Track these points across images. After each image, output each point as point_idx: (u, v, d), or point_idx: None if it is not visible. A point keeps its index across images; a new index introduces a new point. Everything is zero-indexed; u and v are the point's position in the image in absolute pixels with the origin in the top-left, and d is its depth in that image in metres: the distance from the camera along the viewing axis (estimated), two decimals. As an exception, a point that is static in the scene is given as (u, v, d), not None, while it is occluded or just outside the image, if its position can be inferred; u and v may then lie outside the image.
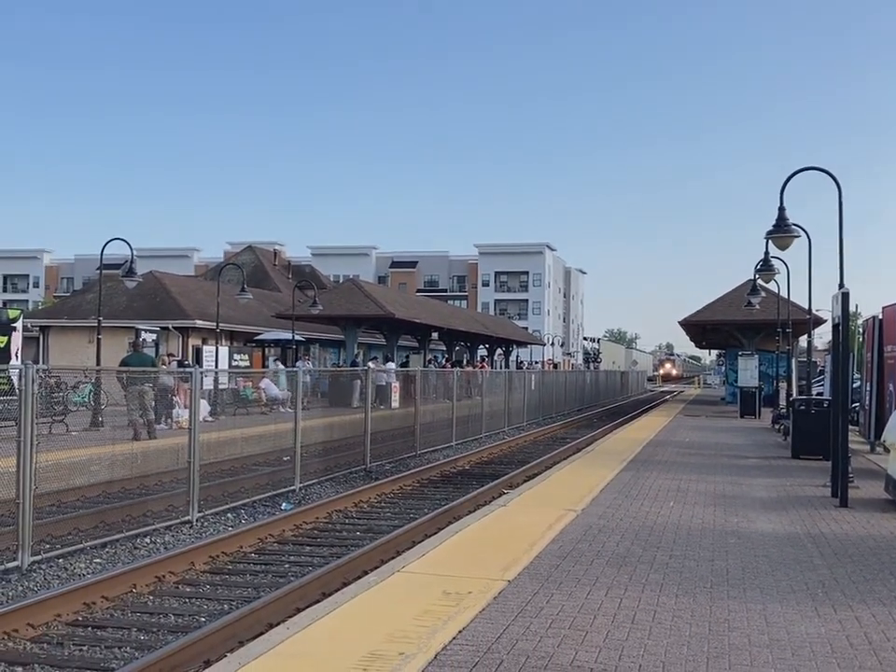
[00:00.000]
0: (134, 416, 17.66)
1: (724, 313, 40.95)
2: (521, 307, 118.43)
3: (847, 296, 12.01)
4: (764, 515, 10.50)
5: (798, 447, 17.37)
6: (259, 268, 62.55)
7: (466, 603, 6.26)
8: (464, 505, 13.63)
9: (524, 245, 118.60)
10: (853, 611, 6.32)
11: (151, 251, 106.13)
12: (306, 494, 15.53)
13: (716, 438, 22.57)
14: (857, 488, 12.49)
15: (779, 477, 14.35)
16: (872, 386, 19.20)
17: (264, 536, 11.50)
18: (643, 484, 12.99)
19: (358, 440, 19.27)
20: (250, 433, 19.07)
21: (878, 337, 18.84)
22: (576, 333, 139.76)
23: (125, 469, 14.39)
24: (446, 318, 51.10)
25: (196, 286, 47.60)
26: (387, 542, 10.75)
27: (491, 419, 28.99)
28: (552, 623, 5.85)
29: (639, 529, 9.37)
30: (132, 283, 25.89)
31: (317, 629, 5.69)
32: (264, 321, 43.48)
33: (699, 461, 16.62)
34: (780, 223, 13.15)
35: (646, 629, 5.76)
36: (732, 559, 8.00)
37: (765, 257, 22.00)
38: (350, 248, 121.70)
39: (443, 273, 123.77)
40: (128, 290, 33.29)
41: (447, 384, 27.19)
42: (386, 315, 39.02)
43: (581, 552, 8.16)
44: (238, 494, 14.64)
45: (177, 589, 9.22)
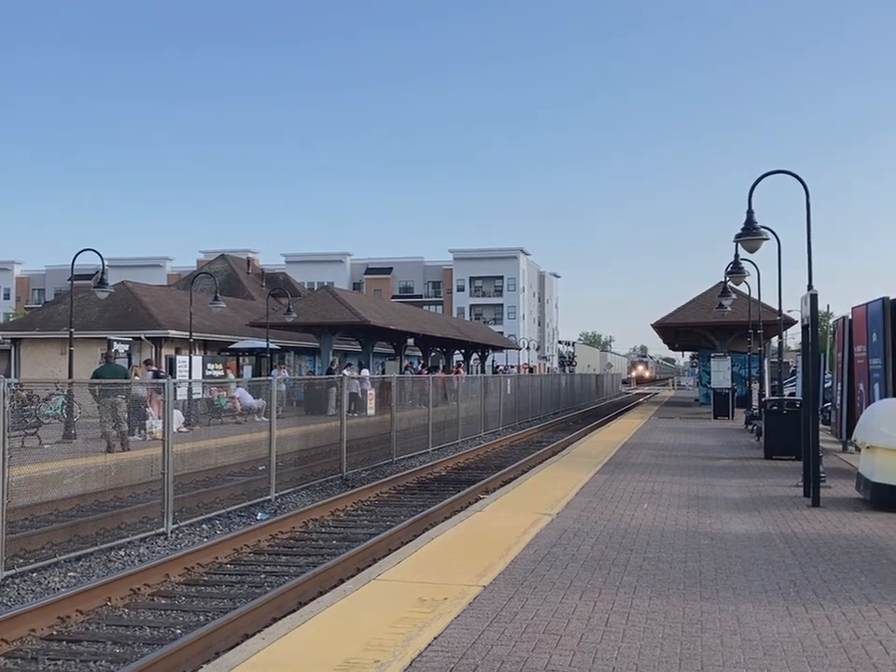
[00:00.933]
0: (107, 428, 17.55)
1: (696, 315, 41.19)
2: (496, 312, 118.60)
3: (816, 297, 12.14)
4: (737, 516, 10.59)
5: (771, 448, 17.52)
6: (233, 276, 62.28)
7: (441, 609, 6.29)
8: (440, 511, 13.66)
9: (498, 250, 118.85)
10: (824, 610, 6.39)
11: (123, 261, 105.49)
12: (282, 503, 15.50)
13: (690, 439, 22.72)
14: (829, 487, 12.62)
15: (752, 478, 14.47)
16: (843, 386, 19.40)
17: (240, 546, 11.47)
18: (618, 487, 13.07)
19: (335, 448, 19.25)
20: (225, 443, 18.98)
21: (848, 337, 19.04)
22: (551, 337, 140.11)
23: (99, 481, 14.30)
24: (421, 324, 51.14)
25: (169, 295, 47.35)
26: (364, 550, 10.76)
27: (467, 424, 29.02)
28: (526, 628, 5.89)
29: (614, 532, 9.44)
30: (103, 293, 25.72)
31: (293, 639, 5.70)
32: (238, 330, 43.32)
33: (673, 463, 16.73)
34: (749, 226, 13.28)
35: (620, 632, 5.81)
36: (705, 560, 8.07)
37: (735, 259, 22.22)
38: (324, 255, 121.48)
39: (418, 279, 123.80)
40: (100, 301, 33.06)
41: (423, 390, 27.20)
42: (361, 322, 39.01)
43: (556, 556, 8.20)
44: (213, 504, 14.58)
45: (153, 601, 9.19)
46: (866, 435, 11.45)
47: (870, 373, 16.57)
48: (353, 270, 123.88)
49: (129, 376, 21.92)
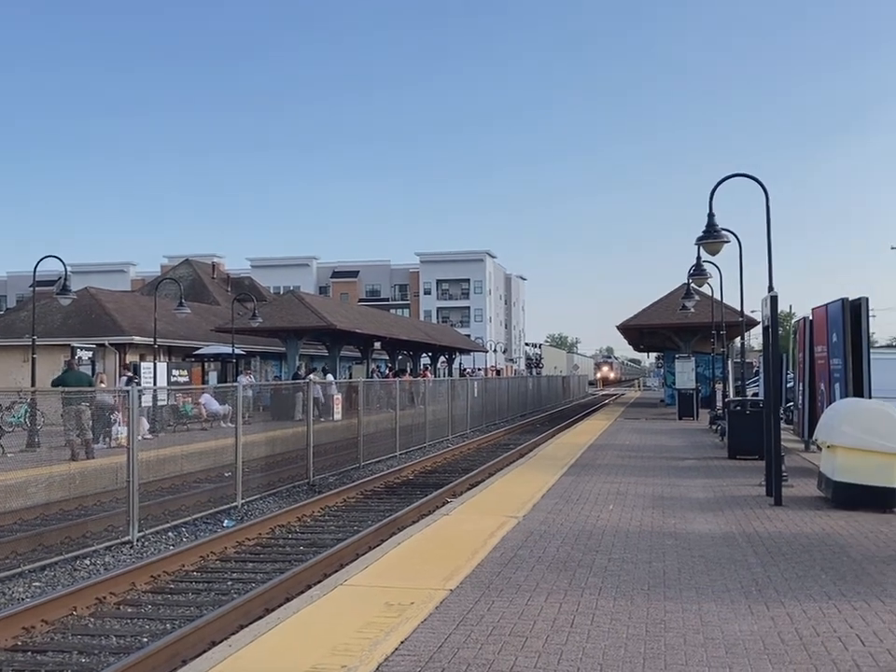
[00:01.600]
0: (72, 436, 17.40)
1: (661, 316, 41.50)
2: (463, 314, 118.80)
3: (776, 299, 12.30)
4: (701, 516, 10.71)
5: (734, 447, 17.70)
6: (198, 281, 61.85)
7: (408, 614, 6.32)
8: (408, 515, 13.69)
9: (464, 253, 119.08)
10: (785, 608, 6.49)
11: (86, 267, 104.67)
12: (249, 510, 15.45)
13: (655, 440, 22.90)
14: (791, 486, 12.79)
15: (716, 478, 14.63)
16: (804, 386, 19.62)
17: (206, 554, 11.43)
18: (583, 489, 13.16)
19: (301, 453, 19.22)
20: (191, 450, 18.89)
21: (809, 338, 19.27)
22: (518, 339, 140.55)
23: (63, 490, 14.18)
24: (388, 328, 51.12)
25: (132, 301, 46.95)
26: (331, 556, 10.76)
27: (434, 428, 29.07)
28: (492, 630, 5.93)
29: (579, 533, 9.51)
30: (66, 300, 25.50)
31: (260, 645, 5.70)
32: (203, 335, 43.03)
33: (638, 464, 16.86)
34: (710, 229, 13.43)
35: (584, 632, 5.87)
36: (669, 560, 8.16)
37: (698, 262, 22.47)
38: (290, 259, 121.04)
39: (385, 283, 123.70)
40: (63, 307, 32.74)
41: (390, 394, 27.21)
42: (328, 326, 38.92)
43: (523, 558, 8.26)
44: (179, 512, 14.51)
45: (119, 610, 9.14)
46: (827, 434, 11.59)
47: (830, 373, 16.78)
48: (319, 273, 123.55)
49: (93, 384, 21.73)
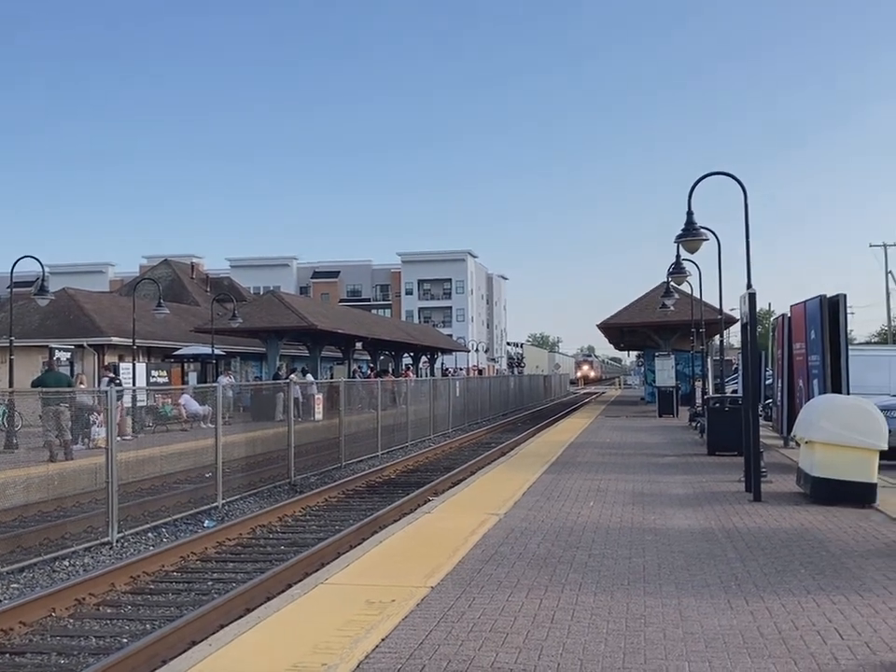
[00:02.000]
0: (50, 437, 17.29)
1: (641, 315, 41.67)
2: (445, 314, 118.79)
3: (754, 296, 12.36)
4: (681, 512, 10.75)
5: (713, 444, 17.78)
6: (177, 282, 61.60)
7: (389, 611, 6.31)
8: (389, 514, 13.68)
9: (446, 253, 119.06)
10: (764, 602, 6.52)
11: (64, 267, 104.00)
12: (229, 510, 15.40)
13: (635, 437, 22.98)
14: (770, 482, 12.86)
15: (696, 474, 14.69)
16: (783, 383, 19.74)
17: (186, 554, 11.38)
18: (564, 486, 13.19)
19: (282, 453, 19.16)
20: (170, 450, 18.81)
21: (787, 335, 19.38)
22: (499, 339, 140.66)
23: (42, 491, 14.11)
24: (370, 328, 51.05)
25: (111, 302, 46.71)
26: (312, 555, 10.74)
27: (416, 427, 29.07)
28: (473, 627, 5.94)
29: (560, 530, 9.53)
30: (44, 301, 25.33)
31: (241, 644, 5.68)
32: (183, 336, 42.85)
33: (619, 461, 16.91)
34: (689, 227, 13.48)
35: (565, 628, 5.88)
36: (649, 556, 8.19)
37: (677, 260, 22.56)
38: (270, 259, 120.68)
39: (366, 283, 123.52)
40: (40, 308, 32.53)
41: (371, 393, 27.19)
42: (308, 326, 38.81)
43: (503, 555, 8.27)
44: (159, 513, 14.45)
45: (98, 611, 9.09)
46: (806, 430, 11.66)
47: (809, 370, 16.89)
48: (300, 274, 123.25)
49: (72, 384, 21.60)
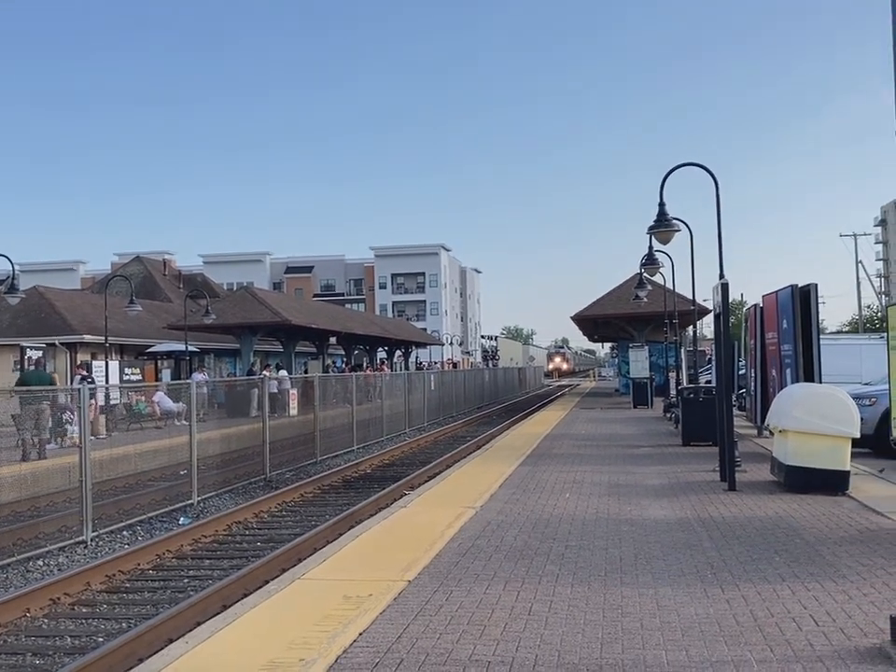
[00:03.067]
0: (27, 436, 17.12)
1: (614, 306, 41.79)
2: (419, 308, 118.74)
3: (727, 286, 12.42)
4: (657, 502, 10.81)
5: (688, 434, 17.88)
6: (149, 279, 61.19)
7: (366, 606, 6.30)
8: (365, 509, 13.66)
9: (419, 247, 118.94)
10: (740, 591, 6.57)
11: (35, 265, 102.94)
12: (205, 507, 15.32)
13: (610, 429, 23.07)
14: (744, 472, 12.94)
15: (671, 464, 14.77)
16: (756, 373, 19.88)
17: (162, 552, 11.32)
18: (540, 478, 13.22)
19: (257, 449, 19.10)
20: (145, 448, 18.70)
21: (759, 325, 19.51)
22: (474, 332, 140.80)
23: (14, 490, 13.97)
24: (344, 322, 50.92)
25: (83, 299, 46.32)
26: (288, 551, 10.71)
27: (392, 421, 29.07)
28: (451, 620, 5.94)
29: (536, 522, 9.55)
30: (14, 299, 25.09)
31: (217, 641, 5.66)
32: (156, 333, 42.57)
33: (594, 452, 16.98)
34: (661, 218, 13.53)
35: (542, 620, 5.90)
36: (625, 546, 8.22)
37: (650, 251, 22.66)
38: (243, 255, 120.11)
39: (340, 277, 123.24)
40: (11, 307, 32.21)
41: (346, 388, 27.12)
42: (282, 321, 38.68)
43: (480, 548, 8.28)
44: (134, 511, 14.36)
45: (73, 610, 9.02)
46: (779, 419, 11.76)
47: (781, 359, 17.01)
48: (273, 269, 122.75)
49: (55, 383, 21.39)
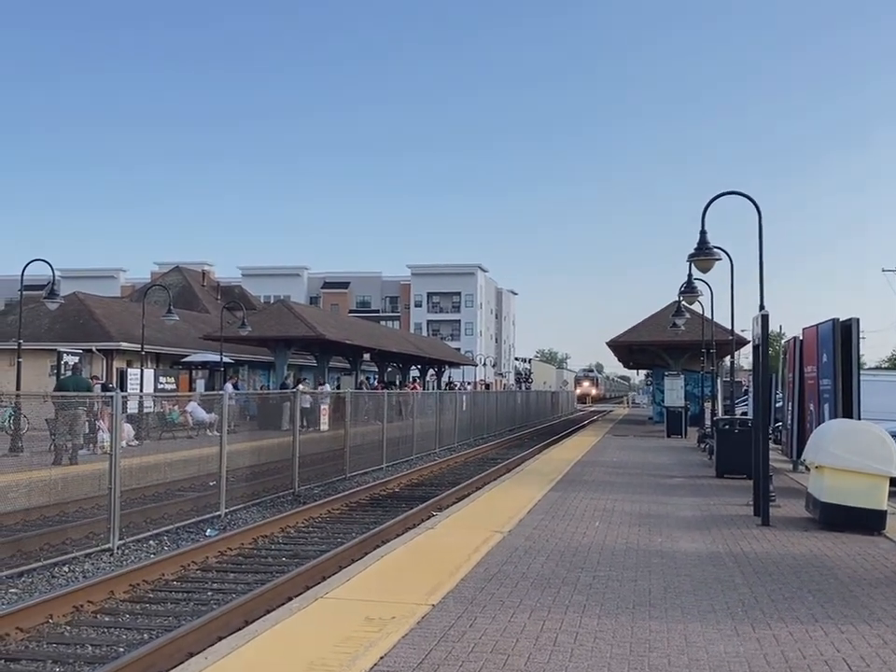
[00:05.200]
0: (62, 441, 17.25)
1: (650, 333, 41.50)
2: (453, 328, 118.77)
3: (767, 318, 12.26)
4: (688, 535, 10.63)
5: (722, 466, 17.63)
6: (187, 289, 61.74)
7: (389, 628, 6.21)
8: (392, 528, 13.57)
9: (456, 266, 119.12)
10: (771, 630, 6.40)
11: (75, 272, 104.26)
12: (232, 519, 15.30)
13: (642, 457, 22.83)
14: (779, 507, 12.71)
15: (704, 496, 14.55)
16: (793, 406, 19.59)
17: (187, 563, 11.29)
18: (570, 505, 13.07)
19: (287, 463, 19.06)
20: (175, 458, 18.75)
21: (799, 358, 19.25)
22: (507, 354, 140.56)
23: (44, 495, 14.03)
24: (378, 339, 51.01)
25: (121, 307, 46.79)
26: (313, 568, 10.63)
27: (422, 440, 28.95)
28: (474, 647, 5.83)
29: (564, 550, 9.42)
30: (53, 304, 25.38)
31: (237, 658, 5.59)
32: (192, 343, 42.88)
33: (625, 481, 16.78)
34: (702, 246, 13.39)
35: (567, 651, 5.77)
36: (655, 579, 8.07)
37: (688, 279, 22.45)
38: (281, 269, 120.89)
39: (376, 294, 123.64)
40: (50, 312, 32.62)
41: (378, 405, 27.08)
42: (317, 336, 38.80)
43: (506, 574, 8.16)
44: (161, 520, 14.37)
45: (96, 619, 9.00)
46: (816, 455, 11.54)
47: (820, 394, 16.75)
48: (310, 284, 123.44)
49: (92, 390, 21.57)
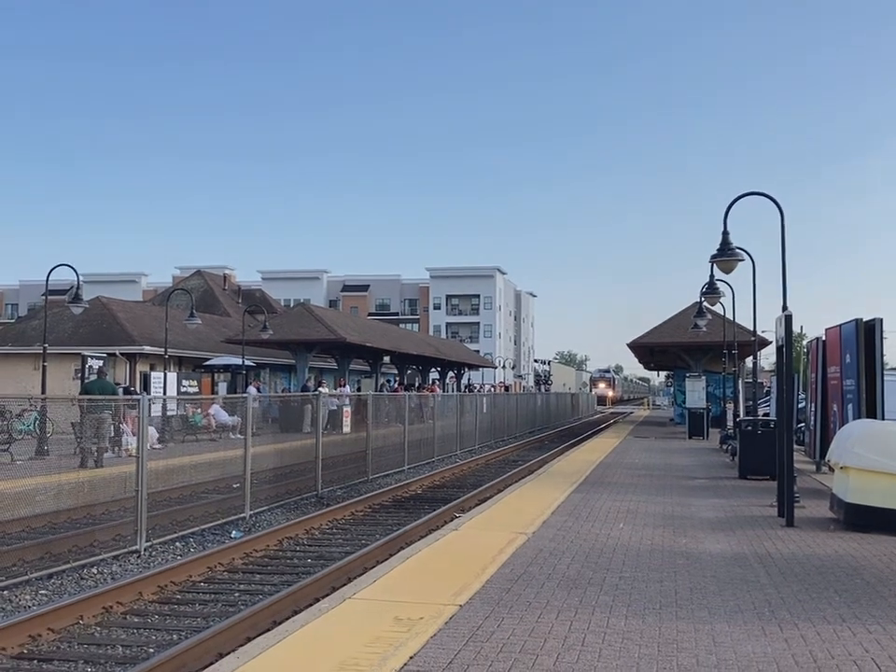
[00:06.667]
0: (88, 444, 17.39)
1: (671, 335, 41.35)
2: (472, 330, 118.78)
3: (791, 318, 12.24)
4: (713, 536, 10.63)
5: (745, 467, 17.58)
6: (209, 293, 61.96)
7: (417, 629, 6.26)
8: (416, 530, 13.61)
9: (475, 269, 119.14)
10: (799, 630, 6.41)
11: (98, 276, 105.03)
12: (256, 521, 15.39)
13: (665, 459, 22.79)
14: (803, 508, 12.68)
15: (727, 497, 14.53)
16: (816, 407, 19.53)
17: (213, 564, 11.37)
18: (593, 506, 13.08)
19: (310, 465, 19.14)
20: (199, 460, 18.87)
21: (822, 358, 19.19)
22: (527, 356, 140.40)
23: (72, 498, 14.15)
24: (397, 342, 51.09)
25: (144, 311, 47.07)
26: (339, 569, 10.69)
27: (443, 442, 28.97)
28: (502, 648, 5.87)
29: (589, 551, 9.44)
30: (78, 309, 25.58)
31: (267, 658, 5.65)
32: (214, 346, 43.09)
33: (648, 482, 16.77)
34: (724, 247, 13.38)
35: (596, 651, 5.80)
36: (680, 580, 8.09)
37: (710, 280, 22.39)
38: (301, 272, 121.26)
39: (395, 297, 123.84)
40: (74, 316, 32.90)
41: (399, 407, 27.14)
42: (338, 339, 38.92)
43: (532, 575, 8.19)
44: (187, 522, 14.47)
45: (125, 619, 9.08)
46: (840, 455, 11.52)
47: (843, 394, 16.70)
48: (329, 287, 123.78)
49: (117, 393, 21.74)
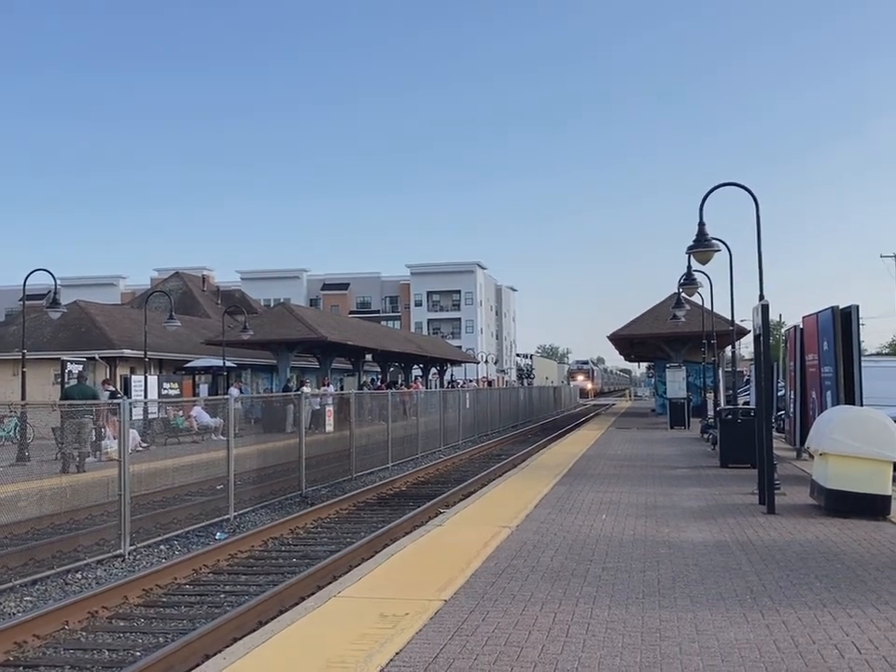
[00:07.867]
0: (69, 449, 17.31)
1: (651, 326, 41.51)
2: (454, 326, 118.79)
3: (767, 308, 12.33)
4: (694, 524, 10.71)
5: (726, 456, 17.69)
6: (188, 294, 61.73)
7: (403, 625, 6.29)
8: (401, 527, 13.65)
9: (455, 265, 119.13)
10: (780, 616, 6.48)
11: (76, 280, 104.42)
12: (241, 522, 15.39)
13: (647, 449, 22.90)
14: (783, 495, 12.78)
15: (708, 486, 14.63)
16: (796, 394, 19.67)
17: (199, 567, 11.38)
18: (576, 498, 13.15)
19: (293, 465, 19.15)
20: (182, 463, 18.83)
21: (800, 346, 19.33)
22: (509, 350, 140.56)
23: (54, 503, 14.11)
24: (379, 340, 51.07)
25: (123, 314, 46.83)
26: (324, 568, 10.72)
27: (427, 439, 29.04)
28: (487, 641, 5.91)
29: (573, 543, 9.50)
30: (56, 313, 25.42)
31: (254, 658, 5.67)
32: (194, 348, 42.89)
33: (631, 473, 16.86)
34: (700, 238, 13.44)
35: (580, 642, 5.86)
36: (663, 569, 8.15)
37: (688, 271, 22.52)
38: (280, 272, 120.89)
39: (376, 295, 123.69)
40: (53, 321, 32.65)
41: (382, 405, 27.17)
42: (319, 338, 38.86)
43: (516, 568, 8.24)
44: (171, 525, 14.45)
45: (111, 624, 9.09)
46: (819, 442, 11.61)
47: (822, 381, 16.83)
48: (309, 286, 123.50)
49: (98, 398, 21.62)
